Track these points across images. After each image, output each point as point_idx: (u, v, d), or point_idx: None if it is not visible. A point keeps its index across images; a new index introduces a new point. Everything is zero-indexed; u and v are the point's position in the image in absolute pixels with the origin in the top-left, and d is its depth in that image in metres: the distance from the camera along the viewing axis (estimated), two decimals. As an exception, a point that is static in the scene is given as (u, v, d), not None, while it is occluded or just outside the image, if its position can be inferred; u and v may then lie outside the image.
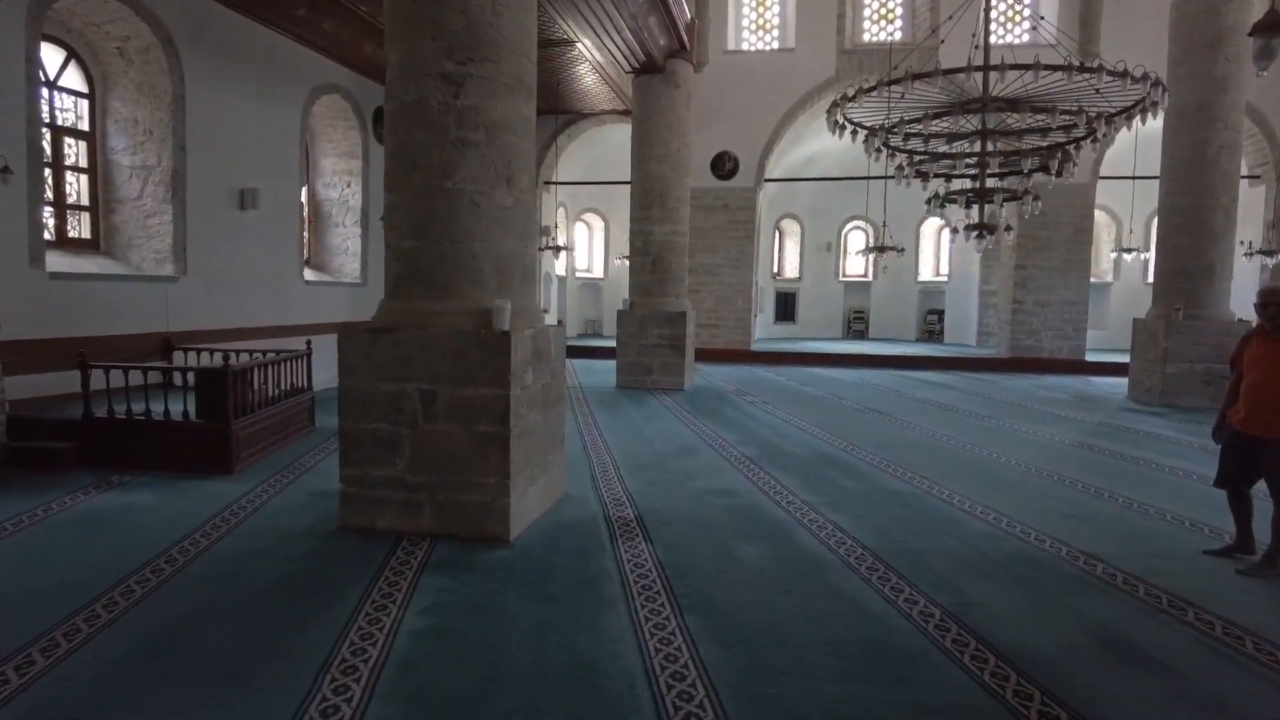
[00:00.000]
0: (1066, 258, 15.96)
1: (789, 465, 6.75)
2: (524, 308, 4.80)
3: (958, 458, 7.25)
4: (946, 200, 8.38)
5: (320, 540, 4.55)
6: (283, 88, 10.32)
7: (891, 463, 6.91)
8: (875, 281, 22.38)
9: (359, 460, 4.64)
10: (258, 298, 10.04)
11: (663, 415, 9.47)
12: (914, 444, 7.88)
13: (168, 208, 8.60)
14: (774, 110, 16.43)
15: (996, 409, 10.53)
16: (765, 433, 8.34)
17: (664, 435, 8.11)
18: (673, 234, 11.97)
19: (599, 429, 8.41)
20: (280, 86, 10.27)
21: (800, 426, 8.78)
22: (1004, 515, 5.26)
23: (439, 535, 4.53)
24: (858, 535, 4.75)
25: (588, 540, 4.57)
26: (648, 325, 11.86)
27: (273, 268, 10.36)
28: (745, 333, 17.06)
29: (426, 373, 4.48)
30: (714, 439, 7.93)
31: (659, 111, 11.73)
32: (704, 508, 5.32)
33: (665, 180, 11.84)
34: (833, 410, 10.15)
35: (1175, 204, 10.97)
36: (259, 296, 10.07)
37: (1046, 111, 6.91)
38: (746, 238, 16.87)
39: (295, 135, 10.71)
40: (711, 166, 16.65)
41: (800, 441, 7.88)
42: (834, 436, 8.16)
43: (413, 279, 4.60)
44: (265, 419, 6.79)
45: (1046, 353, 16.09)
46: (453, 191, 4.49)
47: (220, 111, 9.16)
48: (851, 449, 7.53)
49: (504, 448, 4.42)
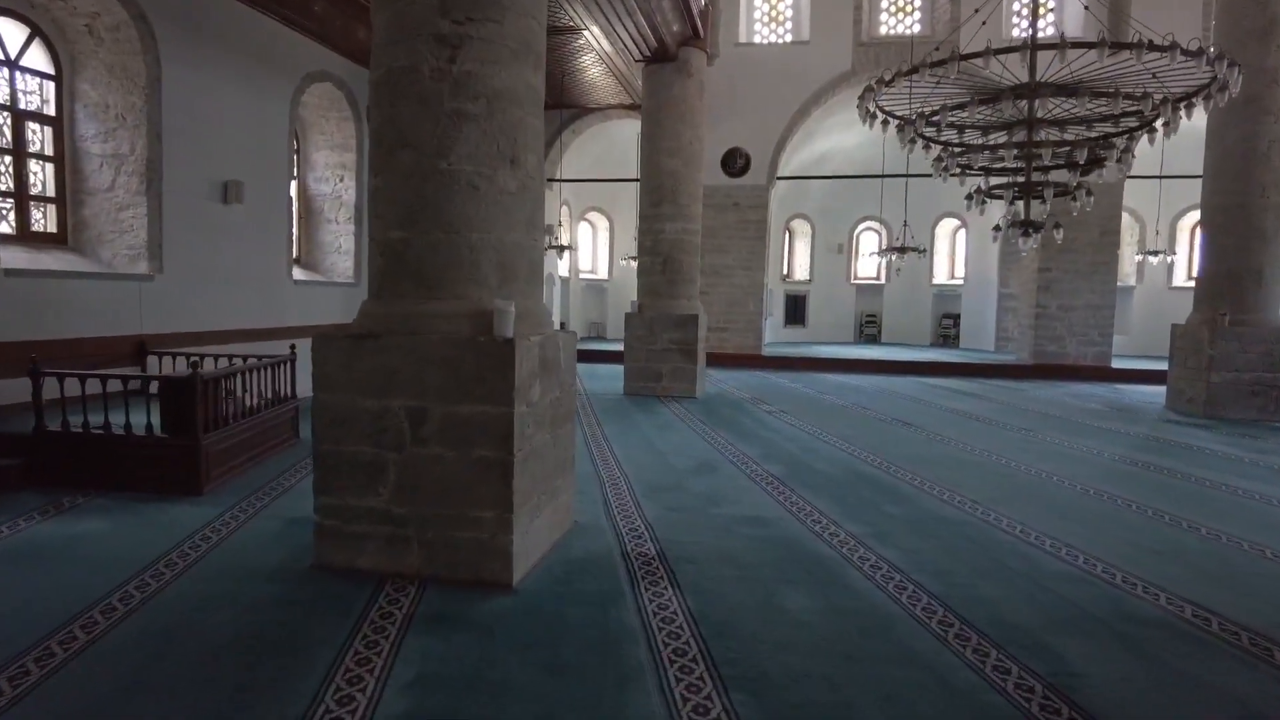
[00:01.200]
0: (1092, 260, 15.30)
1: (822, 486, 6.07)
2: (530, 310, 4.13)
3: (1006, 476, 6.57)
4: (990, 195, 7.69)
5: (290, 582, 3.87)
6: (270, 74, 9.66)
7: (934, 483, 6.24)
8: (888, 284, 21.71)
9: (336, 488, 3.97)
10: (243, 298, 9.37)
11: (675, 426, 8.79)
12: (954, 460, 7.21)
13: (142, 200, 7.93)
14: (787, 105, 15.78)
15: (1030, 420, 9.86)
16: (789, 447, 7.66)
17: (679, 449, 7.43)
18: (684, 232, 11.30)
19: (608, 442, 7.73)
20: (267, 73, 9.61)
21: (826, 440, 8.10)
22: (1077, 550, 4.59)
23: (429, 578, 3.86)
24: (919, 578, 4.07)
25: (604, 583, 3.89)
26: (657, 329, 11.18)
27: (259, 266, 9.69)
28: (756, 336, 16.39)
29: (415, 387, 3.81)
30: (734, 454, 7.25)
31: (670, 102, 11.06)
32: (734, 541, 4.64)
33: (676, 175, 11.17)
34: (858, 421, 9.47)
35: (1220, 203, 10.29)
36: (244, 297, 9.39)
37: (1108, 96, 6.22)
38: (758, 238, 16.21)
39: (284, 125, 10.04)
40: (722, 163, 16.00)
41: (829, 458, 7.20)
42: (865, 451, 7.48)
43: (400, 276, 3.93)
44: (241, 432, 6.11)
45: (1071, 359, 15.42)
46: (447, 173, 3.82)
47: (200, 98, 8.50)
48: (887, 466, 6.85)
49: (505, 475, 3.74)
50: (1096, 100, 6.36)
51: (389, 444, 3.86)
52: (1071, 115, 7.33)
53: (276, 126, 9.90)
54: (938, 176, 8.00)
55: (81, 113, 7.80)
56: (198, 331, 8.59)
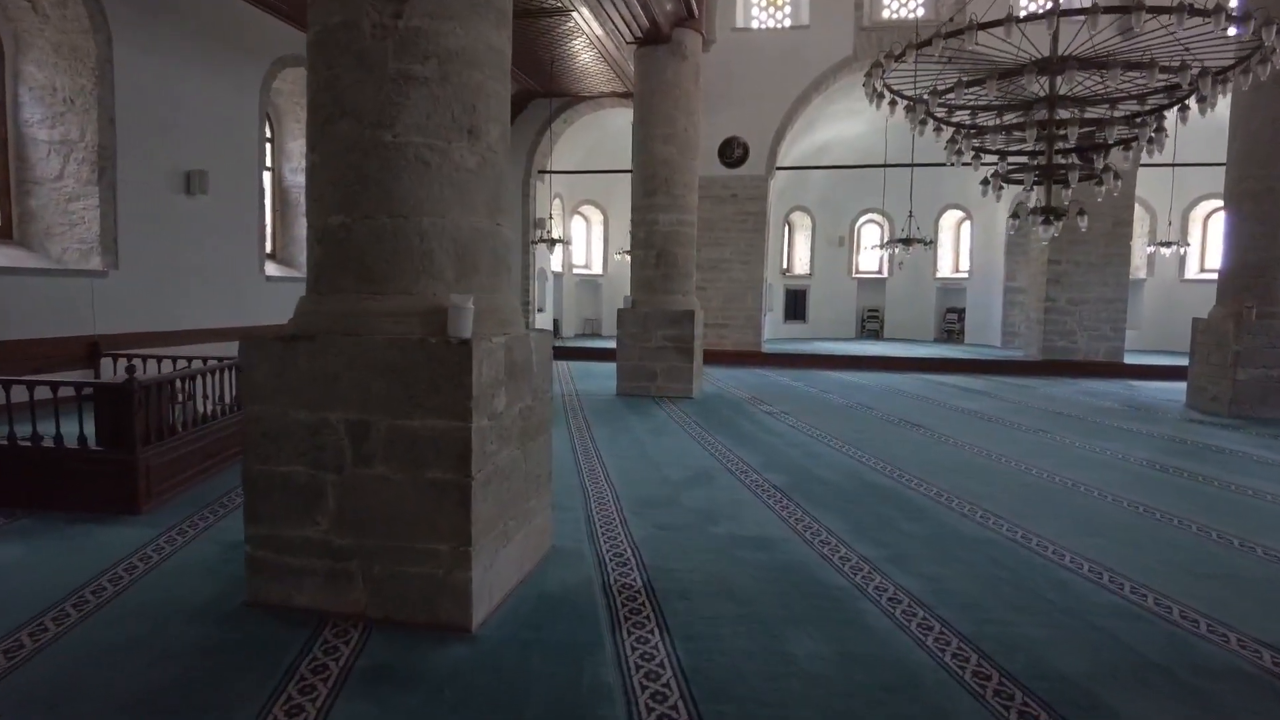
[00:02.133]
0: (1104, 252, 14.74)
1: (829, 499, 5.52)
2: (494, 306, 3.57)
3: (1027, 485, 6.02)
4: (1007, 180, 7.13)
5: (218, 623, 3.32)
6: (237, 57, 9.09)
7: (951, 493, 5.69)
8: (890, 278, 21.16)
9: (269, 515, 3.41)
10: (210, 295, 8.81)
11: (670, 429, 8.24)
12: (969, 466, 6.66)
13: (94, 190, 7.37)
14: (786, 93, 15.21)
15: (1045, 420, 9.31)
16: (791, 452, 7.12)
17: (673, 455, 6.88)
18: (679, 224, 10.74)
19: (596, 447, 7.18)
20: (234, 56, 9.03)
21: (830, 444, 7.55)
22: (1121, 575, 4.04)
23: (376, 620, 3.31)
24: (945, 613, 3.52)
25: (580, 627, 3.33)
26: (651, 325, 10.63)
27: (228, 261, 9.14)
28: (755, 333, 15.84)
29: (357, 397, 3.25)
30: (733, 461, 6.70)
31: (664, 87, 10.49)
32: (734, 568, 4.09)
33: (671, 163, 10.60)
34: (863, 423, 8.92)
35: (1248, 190, 9.73)
36: (211, 294, 8.84)
37: (1142, 68, 5.66)
38: (756, 230, 15.64)
39: (254, 112, 9.47)
40: (719, 153, 15.43)
41: (835, 464, 6.65)
42: (872, 457, 6.94)
43: (340, 268, 3.37)
44: (189, 444, 5.55)
45: (1082, 355, 14.88)
46: (393, 146, 3.26)
47: (159, 81, 7.93)
48: (897, 474, 6.30)
49: (462, 501, 3.19)
50: (1128, 75, 5.79)
51: (327, 464, 3.31)
52: (1094, 93, 6.77)
53: (246, 113, 9.34)
54: (950, 161, 7.44)
55: (26, 96, 7.24)
56: (159, 331, 8.04)
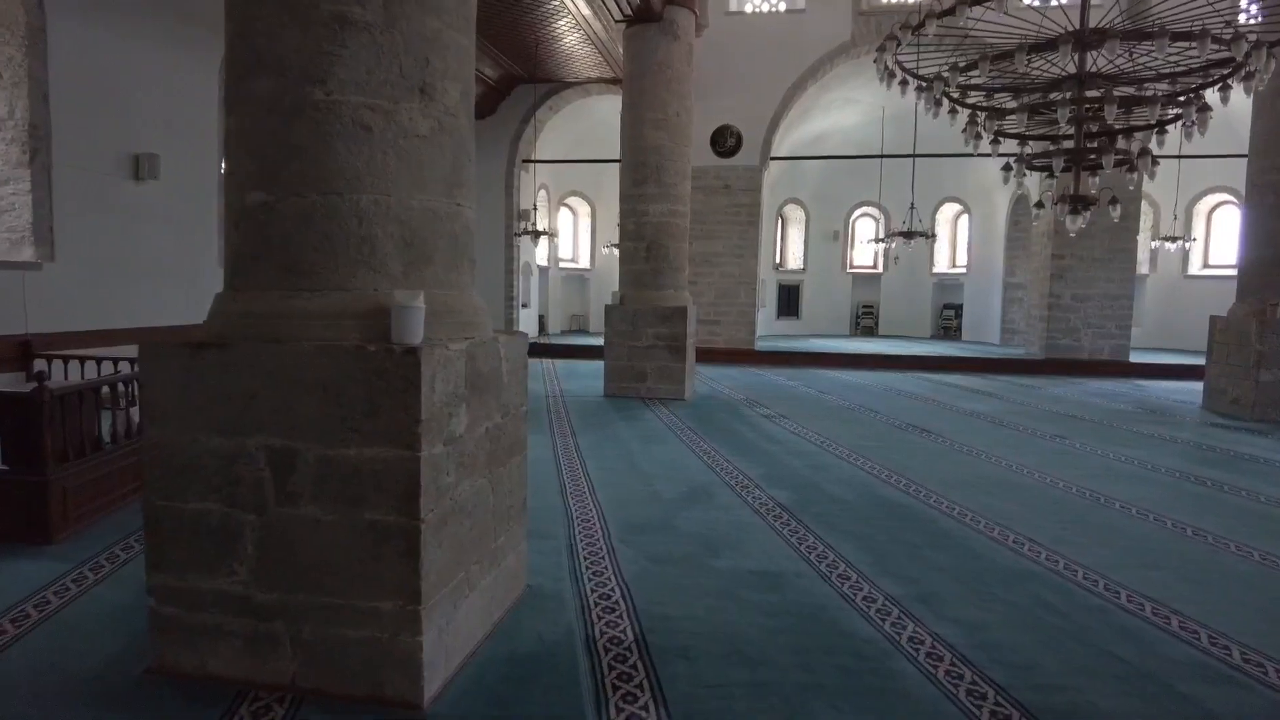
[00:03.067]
0: (1110, 246, 14.23)
1: (842, 521, 4.93)
2: (452, 305, 2.93)
3: (1058, 502, 5.45)
4: (1032, 165, 6.55)
5: (112, 700, 2.68)
6: (193, 31, 8.36)
7: (975, 512, 5.11)
8: (886, 274, 20.63)
9: (176, 563, 2.77)
10: (160, 291, 8.11)
11: (662, 435, 7.63)
12: (988, 479, 6.08)
13: (24, 173, 6.66)
14: (781, 79, 14.60)
15: (1058, 424, 8.76)
16: (795, 463, 6.52)
17: (666, 467, 6.27)
18: (671, 215, 10.11)
19: (581, 457, 6.56)
20: (191, 29, 8.32)
21: (837, 452, 6.96)
22: (1193, 621, 3.46)
23: (308, 692, 2.68)
24: (996, 674, 2.92)
25: (556, 700, 2.71)
26: (641, 323, 10.00)
27: (182, 253, 8.43)
28: (749, 330, 15.25)
29: (280, 420, 2.61)
30: (732, 474, 6.09)
31: (655, 68, 9.84)
32: (742, 615, 3.47)
33: (662, 150, 9.97)
34: (868, 427, 8.34)
35: (1270, 181, 9.21)
36: (162, 290, 8.14)
37: (1191, 38, 5.07)
38: (750, 223, 15.04)
39: (212, 90, 8.75)
40: (711, 142, 14.81)
41: (845, 477, 6.06)
42: (884, 468, 6.35)
43: (260, 258, 2.72)
44: (118, 460, 4.87)
45: (1086, 353, 14.38)
46: (325, 107, 2.62)
47: (100, 53, 7.22)
48: (913, 488, 5.72)
49: (409, 550, 2.56)
50: (1179, 42, 5.20)
51: (245, 502, 2.66)
52: (1122, 72, 6.20)
53: (202, 91, 8.62)
54: (968, 145, 6.84)
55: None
56: (103, 330, 7.34)
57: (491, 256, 15.96)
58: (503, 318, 16.09)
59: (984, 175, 18.13)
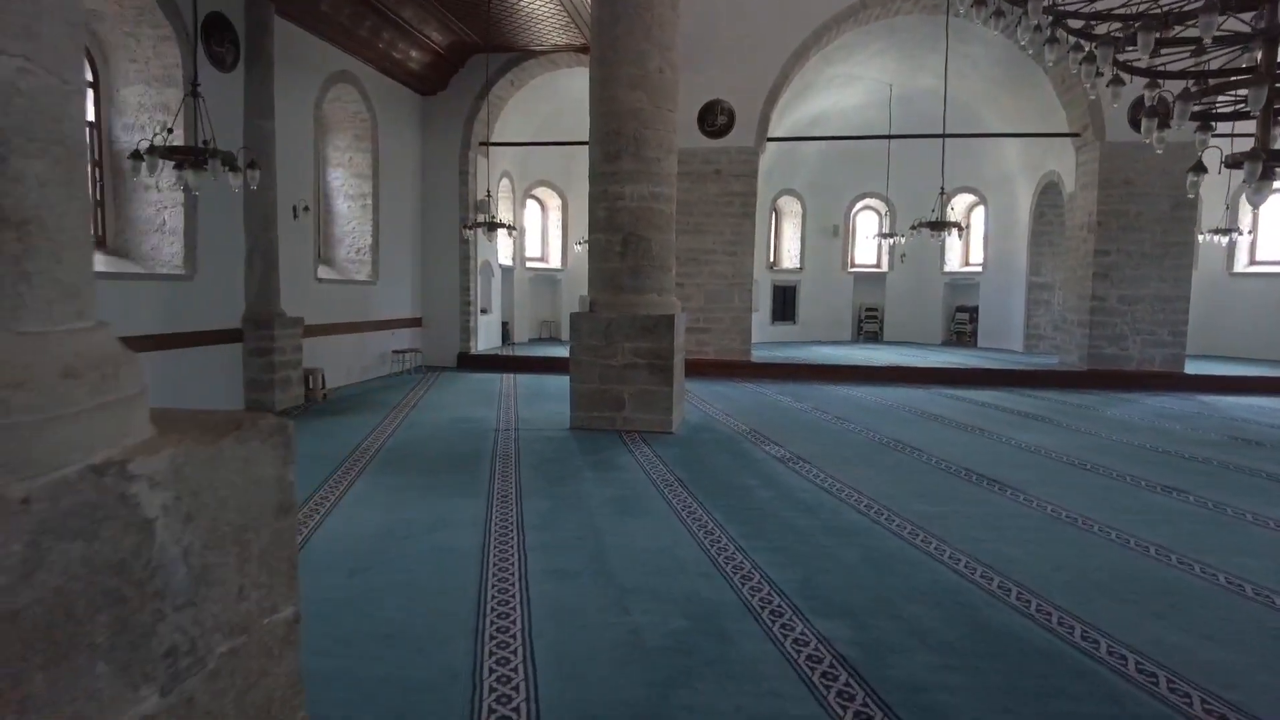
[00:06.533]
0: (1162, 240, 12.26)
1: (949, 690, 2.80)
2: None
3: (1255, 623, 3.36)
4: (1207, 117, 4.45)
5: None
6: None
7: (1164, 662, 2.99)
8: (891, 273, 18.62)
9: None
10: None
11: (643, 498, 5.49)
12: (1139, 580, 3.98)
13: None
14: (781, 47, 12.50)
15: (1154, 466, 6.73)
16: (842, 552, 4.39)
17: (650, 568, 4.12)
18: (652, 198, 7.96)
19: (522, 544, 4.40)
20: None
21: (894, 525, 4.84)
22: None
23: None
24: None
25: None
26: (617, 336, 7.85)
27: None
28: (743, 339, 13.13)
29: None
30: (752, 579, 3.96)
31: (632, 10, 7.69)
32: None
33: (641, 116, 7.82)
34: (917, 477, 6.24)
35: None
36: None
37: None
38: (744, 214, 12.93)
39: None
40: (699, 120, 12.68)
41: (922, 584, 3.93)
42: (968, 558, 4.23)
43: None
44: None
45: (1135, 364, 12.40)
46: None
47: None
48: (1033, 604, 3.61)
49: None
50: None
51: None
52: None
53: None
54: (1086, 86, 4.74)
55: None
56: None
57: (443, 254, 13.73)
58: (457, 324, 13.86)
59: (1003, 161, 16.16)
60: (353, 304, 11.70)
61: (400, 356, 12.92)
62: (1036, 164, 15.01)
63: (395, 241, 12.81)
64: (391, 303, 12.80)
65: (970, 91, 14.36)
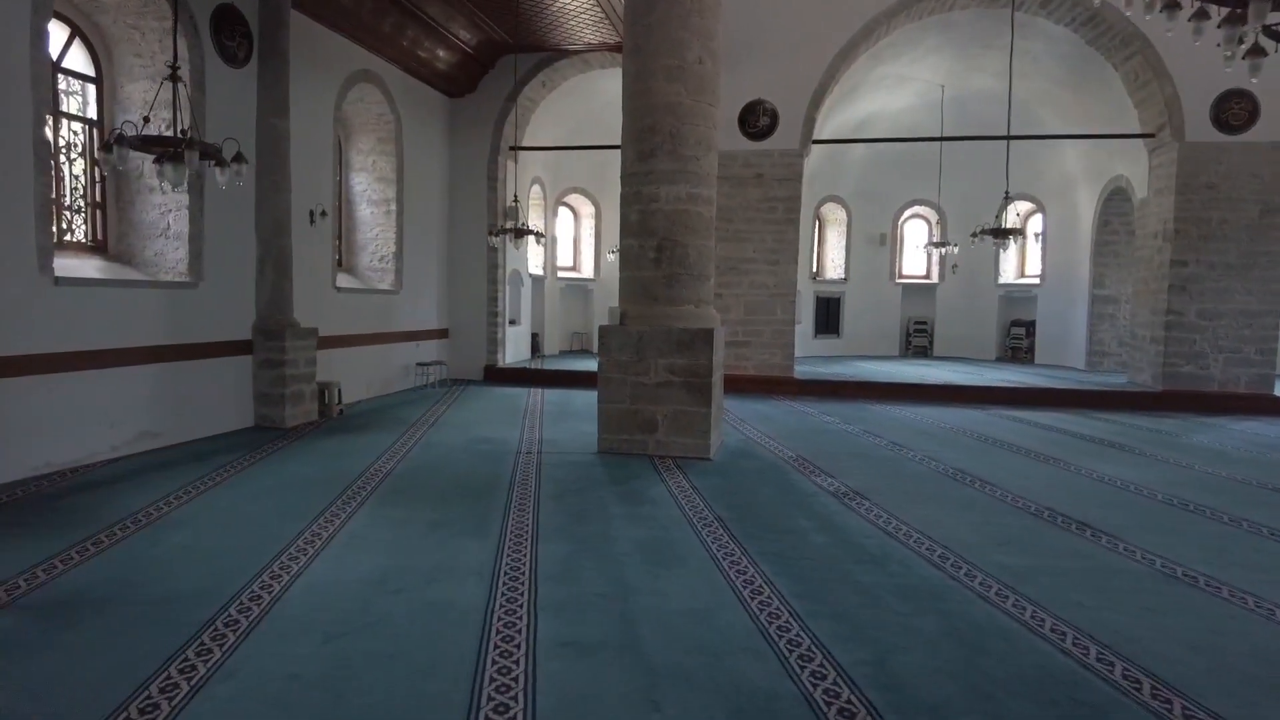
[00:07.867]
0: (1248, 249, 11.21)
1: None
2: None
3: None
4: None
5: None
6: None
7: None
8: (941, 284, 17.65)
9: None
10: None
11: (679, 544, 4.75)
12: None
13: None
14: (828, 43, 11.75)
15: (1270, 507, 5.80)
16: (919, 619, 3.61)
17: (688, 639, 3.38)
18: (690, 200, 7.25)
19: (534, 599, 3.69)
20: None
21: (981, 585, 4.04)
22: None
23: None
24: None
25: None
26: (649, 351, 7.14)
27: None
28: (785, 354, 12.33)
29: None
30: (811, 656, 3.20)
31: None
32: None
33: (678, 110, 7.12)
34: (996, 519, 5.41)
35: None
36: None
37: None
38: (788, 220, 12.16)
39: (23, 32, 6.02)
40: (740, 122, 11.96)
41: (1028, 668, 3.13)
42: (1084, 635, 3.42)
43: None
44: None
45: (1217, 384, 11.33)
46: None
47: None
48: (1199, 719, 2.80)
49: None
50: None
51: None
52: None
53: (8, 30, 5.88)
54: (1225, 55, 3.91)
55: None
56: None
57: (470, 263, 13.16)
58: (484, 336, 13.25)
59: (1063, 166, 15.16)
60: (374, 314, 11.15)
61: (424, 369, 12.36)
62: (1101, 168, 13.99)
63: (420, 249, 12.27)
64: (415, 313, 12.25)
65: (1029, 91, 13.42)
